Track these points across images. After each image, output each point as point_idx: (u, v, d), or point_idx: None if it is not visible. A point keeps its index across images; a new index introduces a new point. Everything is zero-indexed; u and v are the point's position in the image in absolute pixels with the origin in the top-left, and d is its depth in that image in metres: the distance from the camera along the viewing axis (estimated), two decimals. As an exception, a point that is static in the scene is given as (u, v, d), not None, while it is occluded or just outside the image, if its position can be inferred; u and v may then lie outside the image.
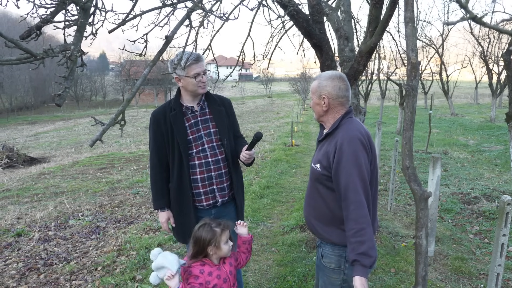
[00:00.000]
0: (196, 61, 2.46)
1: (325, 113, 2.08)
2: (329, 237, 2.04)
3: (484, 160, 9.05)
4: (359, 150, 1.89)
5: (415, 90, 1.86)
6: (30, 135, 28.56)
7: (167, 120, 2.55)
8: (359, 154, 1.88)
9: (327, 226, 2.05)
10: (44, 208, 6.71)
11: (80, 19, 1.69)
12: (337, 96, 2.02)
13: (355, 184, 1.84)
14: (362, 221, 1.81)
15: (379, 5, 3.39)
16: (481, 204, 5.51)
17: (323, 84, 2.05)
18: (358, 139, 1.91)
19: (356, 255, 1.80)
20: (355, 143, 1.89)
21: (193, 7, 1.92)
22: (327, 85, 2.03)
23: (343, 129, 1.97)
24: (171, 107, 2.58)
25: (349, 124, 2.00)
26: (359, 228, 1.80)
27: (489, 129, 14.25)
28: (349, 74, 3.82)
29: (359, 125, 2.01)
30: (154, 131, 2.59)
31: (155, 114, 2.62)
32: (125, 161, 12.26)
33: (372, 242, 1.80)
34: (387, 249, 4.20)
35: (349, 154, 1.87)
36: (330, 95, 2.02)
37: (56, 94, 1.53)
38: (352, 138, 1.90)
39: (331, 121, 2.08)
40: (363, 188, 1.85)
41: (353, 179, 1.84)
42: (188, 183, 2.56)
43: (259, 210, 5.74)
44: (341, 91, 2.02)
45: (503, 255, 2.58)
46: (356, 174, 1.85)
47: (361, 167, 1.87)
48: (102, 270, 4.00)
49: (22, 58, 1.55)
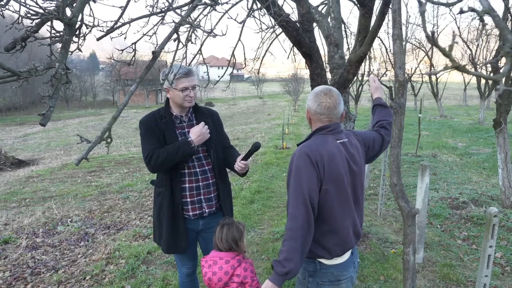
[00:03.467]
0: (186, 75, 2.45)
1: (311, 125, 2.12)
2: None
3: (473, 163, 9.15)
4: (303, 165, 1.88)
5: (403, 108, 1.87)
6: (18, 136, 28.21)
7: (158, 127, 2.54)
8: (302, 170, 1.88)
9: None
10: (32, 213, 6.63)
11: (65, 35, 1.66)
12: (316, 112, 2.03)
13: (294, 197, 1.87)
14: (288, 233, 1.85)
15: (368, 15, 3.40)
16: (469, 209, 5.57)
17: (309, 98, 2.10)
18: (307, 154, 1.90)
19: (274, 261, 1.85)
20: (301, 159, 1.90)
21: (181, 22, 1.91)
22: (310, 99, 2.07)
23: (303, 143, 2.02)
24: (161, 115, 2.57)
25: (314, 140, 2.01)
26: (284, 239, 1.86)
27: (478, 131, 14.42)
28: (338, 83, 3.84)
29: (320, 143, 1.98)
30: (149, 133, 2.55)
31: (146, 120, 2.59)
32: (115, 163, 12.17)
33: (291, 255, 1.81)
34: (376, 256, 4.22)
35: (294, 167, 1.91)
36: (310, 110, 2.06)
37: (40, 114, 1.51)
38: (300, 152, 1.92)
39: None
40: (302, 202, 1.86)
41: (292, 193, 1.88)
42: (178, 190, 2.56)
43: (249, 216, 5.73)
44: (320, 107, 2.01)
45: (490, 266, 2.61)
46: (295, 188, 1.88)
47: (301, 182, 1.87)
48: (91, 280, 3.95)
49: (5, 76, 1.52)
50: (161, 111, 2.60)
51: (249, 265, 2.29)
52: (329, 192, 1.93)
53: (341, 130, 2.09)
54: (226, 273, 2.19)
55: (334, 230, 1.97)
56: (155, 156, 2.44)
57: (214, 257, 2.26)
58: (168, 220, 2.58)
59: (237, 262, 2.24)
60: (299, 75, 35.94)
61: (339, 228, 1.98)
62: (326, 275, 2.02)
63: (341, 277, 2.04)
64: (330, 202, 1.94)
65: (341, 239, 2.00)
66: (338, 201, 1.97)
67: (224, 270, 2.20)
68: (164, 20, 2.19)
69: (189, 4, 2.30)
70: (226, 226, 2.32)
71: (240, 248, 2.30)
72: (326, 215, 1.95)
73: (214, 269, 2.21)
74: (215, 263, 2.23)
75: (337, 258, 2.02)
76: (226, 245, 2.27)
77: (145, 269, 4.12)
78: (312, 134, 2.05)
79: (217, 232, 2.32)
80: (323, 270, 2.01)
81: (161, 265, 4.22)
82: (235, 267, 2.22)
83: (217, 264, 2.22)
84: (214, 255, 2.28)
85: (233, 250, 2.29)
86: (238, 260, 2.25)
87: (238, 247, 2.29)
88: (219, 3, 2.11)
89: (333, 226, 1.97)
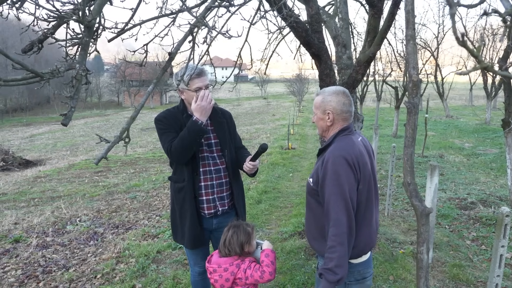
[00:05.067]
0: (199, 75, 2.48)
1: (328, 128, 2.09)
2: (320, 250, 2.07)
3: (480, 164, 9.12)
4: (342, 169, 1.87)
5: (417, 108, 1.88)
6: (25, 137, 28.39)
7: (177, 122, 2.56)
8: (341, 173, 1.87)
9: (318, 239, 2.08)
10: (41, 213, 6.70)
11: (85, 37, 1.69)
12: (341, 111, 2.03)
13: (336, 202, 1.85)
14: (335, 239, 1.82)
15: (377, 15, 3.42)
16: (477, 210, 5.56)
17: (327, 99, 2.06)
18: (344, 157, 1.89)
19: (323, 269, 1.82)
20: (338, 162, 1.88)
21: (196, 23, 1.94)
22: (332, 100, 2.04)
23: (334, 146, 1.98)
24: (181, 111, 2.60)
25: (341, 142, 2.00)
26: (331, 245, 1.82)
27: (484, 131, 14.36)
28: (347, 83, 3.85)
29: (351, 144, 1.99)
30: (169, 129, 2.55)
31: (165, 115, 2.60)
32: (122, 164, 12.24)
33: (341, 261, 1.80)
34: (385, 256, 4.23)
35: (331, 173, 1.88)
36: (335, 110, 2.03)
37: (62, 114, 1.54)
38: (337, 156, 1.90)
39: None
40: (344, 207, 1.85)
41: (334, 198, 1.85)
42: (197, 186, 2.59)
43: (257, 216, 5.75)
44: (345, 106, 2.04)
45: (502, 266, 2.62)
46: (337, 193, 1.85)
47: (343, 186, 1.86)
48: (102, 278, 3.99)
49: (27, 77, 1.55)
50: (179, 108, 2.63)
51: (248, 262, 2.25)
52: (362, 192, 1.94)
53: (355, 130, 2.13)
54: (227, 280, 2.19)
55: (365, 229, 1.98)
56: (173, 146, 2.45)
57: (213, 265, 2.24)
58: (192, 214, 2.60)
59: (236, 268, 2.21)
60: (303, 76, 35.89)
61: (368, 226, 1.98)
62: (353, 274, 2.03)
63: (366, 274, 2.06)
64: (363, 201, 1.96)
65: (370, 237, 2.01)
66: (368, 200, 1.98)
67: (224, 277, 2.20)
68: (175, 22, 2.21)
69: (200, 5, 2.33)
70: (233, 229, 2.29)
71: (244, 253, 2.27)
72: (358, 215, 1.95)
73: (215, 277, 2.21)
74: (215, 271, 2.22)
75: (363, 256, 2.04)
76: (229, 249, 2.24)
77: (155, 268, 4.15)
78: (336, 136, 2.04)
79: (224, 234, 2.30)
80: (350, 270, 1.99)
81: (171, 264, 4.25)
82: (235, 273, 2.20)
83: (217, 272, 2.21)
84: (214, 261, 2.26)
85: (235, 255, 2.26)
86: (237, 265, 2.22)
87: (242, 252, 2.26)
88: (233, 4, 2.13)
89: (364, 225, 1.98)
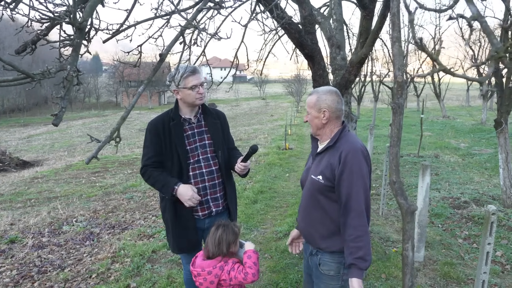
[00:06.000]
0: (193, 73, 2.53)
1: (323, 126, 2.16)
2: (330, 246, 2.11)
3: (475, 164, 9.18)
4: (362, 161, 1.99)
5: (402, 108, 1.92)
6: (22, 137, 28.36)
7: (165, 130, 2.60)
8: (362, 166, 1.99)
9: (329, 236, 2.12)
10: (38, 213, 6.71)
11: (76, 39, 1.73)
12: (336, 109, 2.12)
13: (358, 193, 1.95)
14: (361, 229, 1.92)
15: (369, 17, 3.46)
16: (470, 209, 5.61)
17: (322, 98, 2.13)
18: (361, 151, 2.02)
19: (353, 259, 1.91)
20: (359, 155, 1.99)
21: (186, 25, 1.97)
22: (327, 98, 2.12)
23: (346, 141, 2.07)
24: (170, 117, 2.64)
25: (349, 137, 2.11)
26: (357, 235, 1.92)
27: (480, 132, 14.43)
28: (340, 84, 3.89)
29: (358, 139, 2.13)
30: (153, 139, 2.63)
31: (154, 123, 2.66)
32: (119, 164, 12.25)
33: (368, 249, 1.92)
34: (378, 254, 4.27)
35: (354, 165, 1.97)
36: (330, 108, 2.11)
37: (53, 114, 1.57)
38: (356, 150, 2.01)
39: (328, 134, 2.17)
40: (364, 198, 1.96)
41: (356, 189, 1.95)
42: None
43: (252, 216, 5.79)
44: (338, 104, 2.14)
45: (488, 263, 2.66)
46: (360, 185, 1.96)
47: (364, 178, 1.98)
48: (97, 278, 4.02)
49: (19, 78, 1.58)
50: (170, 113, 2.66)
51: (231, 264, 2.26)
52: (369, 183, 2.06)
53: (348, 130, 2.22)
54: (212, 282, 2.22)
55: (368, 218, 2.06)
56: (147, 175, 2.61)
57: (197, 269, 2.26)
58: (173, 222, 2.66)
59: (220, 270, 2.23)
60: (301, 76, 35.96)
61: (369, 215, 2.06)
62: None
63: None
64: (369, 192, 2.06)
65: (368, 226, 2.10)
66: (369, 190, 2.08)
67: (209, 280, 2.22)
68: (169, 23, 2.25)
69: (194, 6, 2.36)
70: (222, 228, 2.30)
71: (229, 253, 2.29)
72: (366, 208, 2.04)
73: (200, 280, 2.24)
74: (199, 274, 2.24)
75: None
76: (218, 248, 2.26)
77: (150, 267, 4.18)
78: (341, 131, 2.12)
79: (213, 233, 2.31)
80: None
81: (166, 263, 4.28)
82: (219, 275, 2.23)
83: (201, 276, 2.23)
84: (197, 265, 2.28)
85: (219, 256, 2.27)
86: (221, 267, 2.24)
87: (228, 252, 2.27)
88: (224, 6, 2.17)
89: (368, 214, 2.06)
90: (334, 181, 2.02)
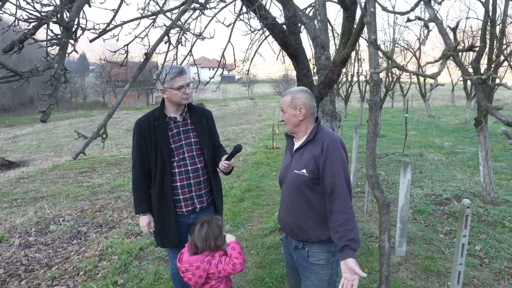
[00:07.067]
0: (180, 74, 2.59)
1: (300, 123, 2.25)
2: (318, 237, 2.20)
3: (458, 162, 9.39)
4: (341, 150, 2.13)
5: (377, 105, 2.02)
6: (8, 138, 27.91)
7: (151, 129, 2.67)
8: (342, 154, 2.13)
9: (316, 227, 2.20)
10: (24, 213, 6.67)
11: (63, 38, 1.78)
12: (311, 106, 2.24)
13: (342, 180, 2.07)
14: (348, 212, 2.05)
15: (351, 18, 3.56)
16: (451, 205, 5.77)
17: (297, 96, 2.23)
18: (339, 141, 2.16)
19: (346, 241, 2.01)
20: (338, 145, 2.13)
21: (171, 25, 2.04)
22: (301, 96, 2.22)
23: (325, 133, 2.20)
24: (156, 117, 2.70)
25: (326, 129, 2.25)
26: (347, 218, 2.03)
27: (464, 131, 14.72)
28: (324, 83, 3.99)
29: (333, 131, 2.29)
30: (138, 139, 2.70)
31: (139, 122, 2.72)
32: (106, 164, 12.19)
33: (357, 230, 2.05)
34: (361, 249, 4.38)
35: (335, 154, 2.10)
36: (306, 105, 2.21)
37: (41, 111, 1.62)
38: (335, 140, 2.15)
39: (304, 131, 2.26)
40: (347, 184, 2.09)
41: (340, 176, 2.07)
42: (170, 190, 2.69)
43: (239, 214, 5.86)
44: (312, 101, 2.26)
45: (464, 254, 2.77)
46: (341, 172, 2.08)
47: (345, 165, 2.12)
48: (84, 275, 4.05)
49: (7, 76, 1.63)
50: (156, 112, 2.72)
51: (218, 257, 2.32)
52: None
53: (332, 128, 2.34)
54: (200, 277, 2.27)
55: None
56: (133, 179, 2.80)
57: (184, 264, 2.30)
58: (156, 217, 2.76)
59: (208, 264, 2.28)
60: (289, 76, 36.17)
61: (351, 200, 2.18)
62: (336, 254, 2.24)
63: None
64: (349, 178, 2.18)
65: None
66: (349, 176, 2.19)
67: (197, 275, 2.27)
68: (155, 23, 2.31)
69: (179, 7, 2.43)
70: (206, 224, 2.34)
71: (216, 247, 2.33)
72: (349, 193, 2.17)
73: (188, 276, 2.28)
74: (187, 270, 2.28)
75: None
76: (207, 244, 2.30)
77: (137, 264, 4.23)
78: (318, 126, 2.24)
79: (198, 231, 2.34)
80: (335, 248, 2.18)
81: (153, 260, 4.33)
82: (207, 269, 2.28)
83: (189, 271, 2.27)
84: (185, 261, 2.32)
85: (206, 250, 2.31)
86: (208, 262, 2.29)
87: (216, 245, 2.32)
88: (208, 7, 2.24)
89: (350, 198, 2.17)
90: (318, 172, 2.12)
